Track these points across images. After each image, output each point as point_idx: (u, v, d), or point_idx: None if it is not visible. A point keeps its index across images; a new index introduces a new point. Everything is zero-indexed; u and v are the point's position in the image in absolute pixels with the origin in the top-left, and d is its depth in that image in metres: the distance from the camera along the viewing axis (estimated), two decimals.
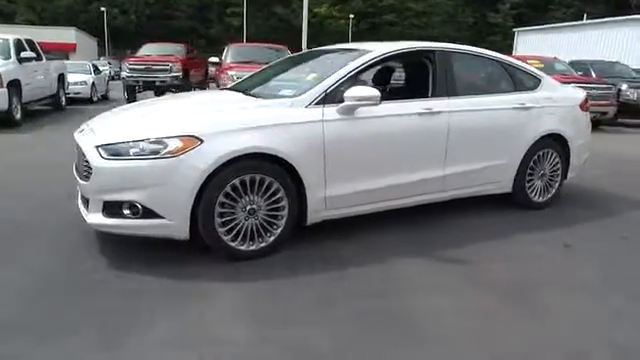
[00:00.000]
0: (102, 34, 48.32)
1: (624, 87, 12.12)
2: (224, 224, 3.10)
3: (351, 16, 48.63)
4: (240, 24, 52.12)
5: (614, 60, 16.72)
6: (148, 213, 2.96)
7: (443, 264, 3.27)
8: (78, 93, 14.93)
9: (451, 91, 3.95)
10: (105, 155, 2.99)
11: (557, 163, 4.64)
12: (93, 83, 15.76)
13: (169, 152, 2.92)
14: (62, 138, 6.89)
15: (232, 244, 3.13)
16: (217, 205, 3.03)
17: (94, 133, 3.22)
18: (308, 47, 16.86)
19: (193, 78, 15.91)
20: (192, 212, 2.99)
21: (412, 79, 4.06)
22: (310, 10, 52.58)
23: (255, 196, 3.15)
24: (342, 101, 3.40)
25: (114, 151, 2.99)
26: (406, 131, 3.69)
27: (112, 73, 28.46)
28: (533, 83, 4.54)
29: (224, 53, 11.94)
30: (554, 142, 4.55)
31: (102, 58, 40.04)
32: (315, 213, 3.39)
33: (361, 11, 50.15)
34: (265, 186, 3.17)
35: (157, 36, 25.10)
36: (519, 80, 4.47)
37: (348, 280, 2.98)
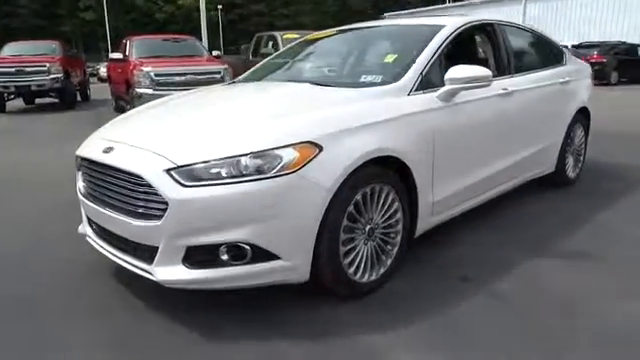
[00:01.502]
0: None
1: None
2: (346, 254, 2.36)
3: (219, 7, 46.96)
4: (96, 18, 47.44)
5: None
6: (260, 255, 2.12)
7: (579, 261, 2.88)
8: None
9: (512, 68, 3.58)
10: (186, 182, 2.08)
11: (582, 137, 4.54)
12: None
13: (284, 168, 2.10)
14: None
15: (355, 277, 2.41)
16: (342, 231, 2.29)
17: (148, 151, 2.25)
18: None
19: (74, 79, 13.88)
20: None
21: (476, 57, 3.61)
22: (173, 1, 49.83)
23: (373, 212, 2.46)
24: (434, 85, 2.83)
25: (199, 174, 2.09)
26: (493, 115, 3.23)
27: None
28: (561, 56, 4.34)
29: (125, 48, 10.41)
30: (581, 116, 4.42)
31: None
32: (422, 222, 2.78)
33: (229, 2, 48.67)
34: (383, 198, 2.49)
35: None
36: (553, 53, 4.24)
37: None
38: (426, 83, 2.81)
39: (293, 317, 2.31)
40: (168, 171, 2.10)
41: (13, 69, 12.26)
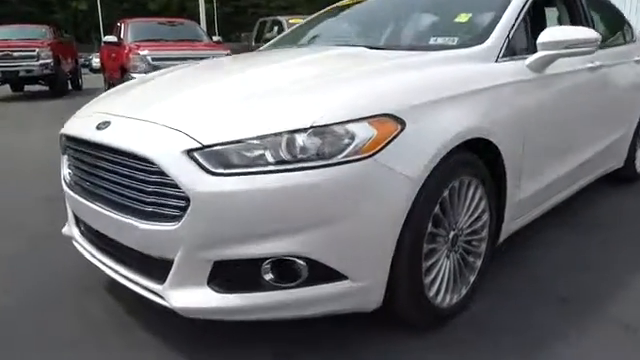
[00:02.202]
0: None
1: None
2: (428, 270, 1.74)
3: None
4: (87, 9, 46.25)
5: None
6: (319, 274, 1.49)
7: None
8: None
9: None
10: (215, 168, 1.44)
11: None
12: None
13: (356, 151, 1.47)
14: None
15: (436, 301, 1.79)
16: (425, 240, 1.67)
17: (160, 125, 1.61)
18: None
19: (65, 66, 13.11)
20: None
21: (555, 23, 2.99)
22: None
23: (457, 215, 1.84)
24: (521, 52, 2.22)
25: (234, 159, 1.46)
26: (583, 92, 2.63)
27: None
28: (632, 32, 3.72)
29: (120, 32, 9.70)
30: None
31: None
32: (506, 225, 2.17)
33: None
34: (470, 195, 1.88)
35: None
36: (625, 29, 3.62)
37: None
38: (513, 49, 2.19)
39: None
40: (190, 153, 1.46)
41: (0, 53, 11.50)
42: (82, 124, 1.91)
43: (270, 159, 1.45)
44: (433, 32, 2.41)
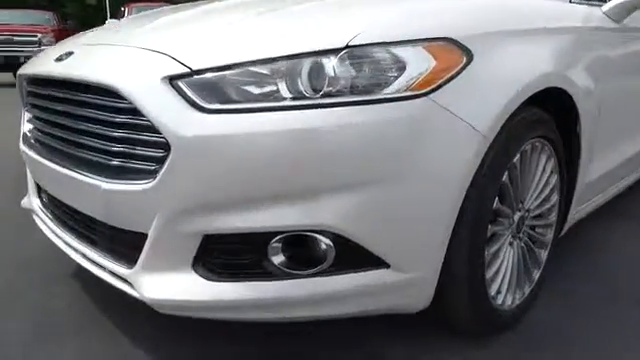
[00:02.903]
0: None
1: None
2: (491, 260, 1.31)
3: None
4: (97, 2, 46.13)
5: None
6: (349, 257, 1.06)
7: None
8: None
9: None
10: (207, 103, 1.01)
11: None
12: None
13: (407, 85, 1.04)
14: None
15: (497, 301, 1.35)
16: (488, 219, 1.23)
17: (135, 48, 1.18)
18: None
19: None
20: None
21: None
22: None
23: (526, 190, 1.41)
24: None
25: (235, 91, 1.03)
26: None
27: None
28: None
29: (124, 16, 9.33)
30: None
31: None
32: (573, 211, 1.73)
33: None
34: (542, 166, 1.44)
35: None
36: None
37: None
38: None
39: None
40: (173, 81, 1.04)
41: (1, 37, 11.14)
42: (42, 60, 1.49)
43: (285, 92, 1.02)
44: None
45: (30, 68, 1.51)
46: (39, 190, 1.68)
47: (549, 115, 1.42)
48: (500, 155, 1.19)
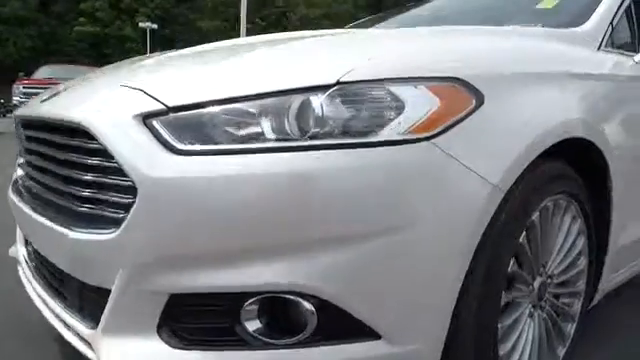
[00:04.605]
0: None
1: None
2: (505, 333, 1.13)
3: None
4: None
5: None
6: (335, 326, 0.91)
7: None
8: None
9: None
10: (181, 143, 0.91)
11: None
12: None
13: (406, 126, 0.92)
14: None
15: None
16: (502, 284, 1.07)
17: (113, 85, 1.10)
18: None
19: None
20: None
21: None
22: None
23: (547, 252, 1.24)
24: (626, 47, 1.66)
25: (213, 131, 0.92)
26: None
27: None
28: None
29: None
30: None
31: None
32: (605, 279, 1.53)
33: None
34: (566, 226, 1.28)
35: None
36: None
37: None
38: (616, 41, 1.64)
39: None
40: (146, 119, 0.94)
41: (43, 91, 11.63)
42: (33, 102, 1.44)
43: (269, 133, 0.91)
44: (512, 19, 1.85)
45: (21, 110, 1.46)
46: (27, 239, 1.59)
47: (575, 170, 1.27)
48: (516, 211, 1.04)
